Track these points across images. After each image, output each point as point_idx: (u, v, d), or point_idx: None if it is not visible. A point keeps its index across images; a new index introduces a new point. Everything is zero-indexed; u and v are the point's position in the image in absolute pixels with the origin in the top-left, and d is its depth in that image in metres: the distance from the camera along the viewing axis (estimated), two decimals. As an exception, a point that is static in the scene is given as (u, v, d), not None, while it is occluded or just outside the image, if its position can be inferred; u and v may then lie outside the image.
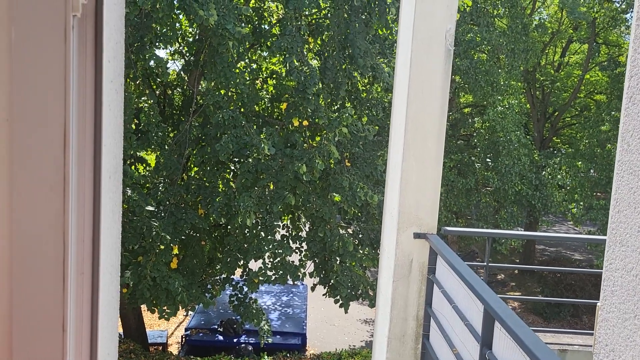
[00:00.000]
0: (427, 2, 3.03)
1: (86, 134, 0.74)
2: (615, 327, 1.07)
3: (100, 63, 0.74)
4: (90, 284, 0.77)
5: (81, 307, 0.76)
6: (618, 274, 1.07)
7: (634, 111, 1.03)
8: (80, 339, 0.75)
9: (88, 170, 0.74)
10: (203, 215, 10.06)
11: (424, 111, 3.16)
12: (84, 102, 0.73)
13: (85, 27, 0.71)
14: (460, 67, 15.27)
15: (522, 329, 1.86)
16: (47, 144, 0.69)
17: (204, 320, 13.19)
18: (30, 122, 0.68)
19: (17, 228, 0.69)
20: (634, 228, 1.04)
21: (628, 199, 1.05)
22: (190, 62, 10.78)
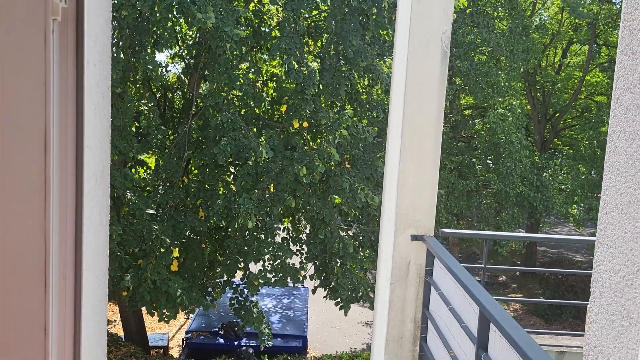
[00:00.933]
0: (424, 5, 3.04)
1: (68, 138, 0.74)
2: (603, 329, 1.07)
3: (82, 67, 0.74)
4: (72, 288, 0.77)
5: (64, 310, 0.76)
6: (606, 276, 1.07)
7: (621, 112, 1.03)
8: (63, 342, 0.75)
9: (70, 175, 0.74)
10: (203, 217, 10.06)
11: (421, 113, 3.16)
12: (65, 106, 0.73)
13: (67, 31, 0.72)
14: (461, 68, 15.26)
15: (516, 331, 1.86)
16: (28, 148, 0.69)
17: (204, 323, 13.18)
18: (10, 126, 0.68)
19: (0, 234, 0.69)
20: (621, 229, 1.04)
21: (615, 200, 1.05)
22: (190, 65, 10.80)
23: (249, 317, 10.41)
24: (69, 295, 0.76)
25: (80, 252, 0.76)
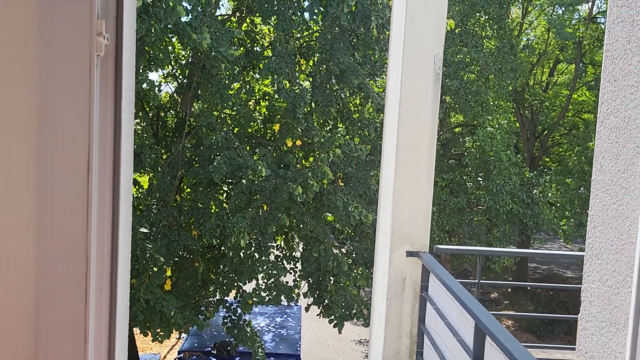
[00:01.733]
0: (417, 28, 3.15)
1: (105, 161, 0.82)
2: (593, 335, 1.14)
3: (119, 97, 0.82)
4: (108, 299, 0.83)
5: (100, 320, 0.82)
6: (595, 286, 1.15)
7: (605, 134, 1.12)
8: (99, 349, 0.82)
9: (107, 194, 0.82)
10: (196, 236, 10.08)
11: (415, 131, 3.26)
12: (104, 132, 0.80)
13: (107, 65, 0.79)
14: (451, 87, 15.51)
15: (512, 343, 1.93)
16: (72, 171, 0.76)
17: (197, 343, 13.09)
18: (57, 151, 0.76)
19: (43, 247, 0.76)
20: (608, 242, 1.12)
21: (602, 215, 1.13)
22: (183, 85, 10.90)
23: (243, 336, 10.38)
24: (104, 306, 0.83)
25: (115, 265, 0.83)
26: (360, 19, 9.43)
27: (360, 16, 9.43)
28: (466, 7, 16.01)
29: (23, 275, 0.75)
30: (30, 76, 0.73)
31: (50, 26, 0.72)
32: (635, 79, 1.05)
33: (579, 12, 20.07)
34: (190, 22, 8.36)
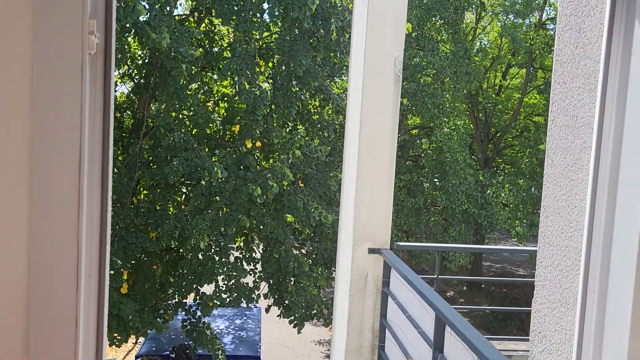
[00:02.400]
0: (377, 33, 3.25)
1: (94, 155, 0.85)
2: (546, 316, 1.24)
3: (108, 92, 0.85)
4: (96, 286, 0.87)
5: (89, 306, 0.86)
6: (547, 270, 1.25)
7: (556, 132, 1.22)
8: (87, 332, 0.85)
9: (96, 186, 0.85)
10: (154, 238, 9.94)
11: (376, 133, 3.35)
12: (94, 127, 0.84)
13: (96, 62, 0.83)
14: (408, 90, 15.79)
15: (470, 332, 2.03)
16: (64, 163, 0.80)
17: (155, 347, 12.87)
18: (49, 145, 0.79)
19: (35, 237, 0.79)
20: (558, 230, 1.22)
21: (553, 205, 1.23)
22: (140, 85, 10.73)
23: (202, 339, 10.30)
24: (93, 292, 0.87)
25: (104, 253, 0.87)
26: (320, 21, 9.53)
27: (320, 19, 9.53)
28: (422, 11, 16.35)
29: (16, 262, 0.78)
30: (24, 72, 0.76)
31: (44, 25, 0.75)
32: (582, 81, 1.15)
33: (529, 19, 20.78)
34: (149, 22, 8.26)
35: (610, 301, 1.04)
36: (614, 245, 1.04)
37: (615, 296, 1.02)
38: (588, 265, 1.07)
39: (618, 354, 0.99)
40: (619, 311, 1.01)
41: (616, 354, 1.00)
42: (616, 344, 1.00)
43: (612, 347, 1.01)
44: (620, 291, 1.01)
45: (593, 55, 1.13)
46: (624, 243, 1.01)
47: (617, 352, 0.99)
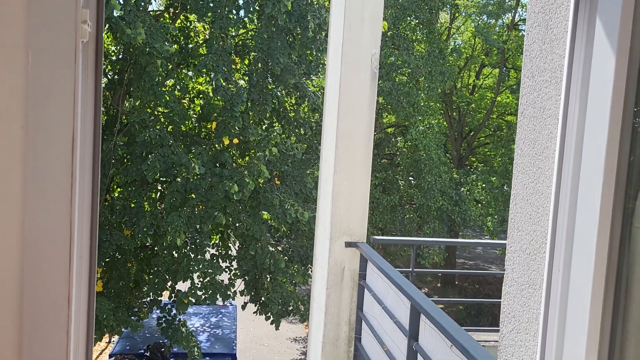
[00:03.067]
0: (354, 30, 3.30)
1: (86, 140, 0.88)
2: (515, 297, 1.31)
3: (99, 80, 0.89)
4: (88, 268, 0.90)
5: (80, 286, 0.89)
6: (516, 254, 1.32)
7: (525, 123, 1.29)
8: (79, 312, 0.88)
9: (88, 169, 0.88)
10: (129, 236, 9.85)
11: (353, 128, 3.41)
12: (85, 112, 0.87)
13: (88, 51, 0.86)
14: (383, 88, 15.92)
15: (444, 319, 2.10)
16: (57, 148, 0.83)
17: (129, 346, 12.75)
18: (43, 129, 0.82)
19: (29, 220, 0.82)
20: (526, 216, 1.29)
21: (522, 193, 1.30)
22: (114, 81, 10.61)
23: (177, 336, 10.25)
24: (84, 274, 0.90)
25: (94, 238, 0.90)
26: (297, 18, 9.55)
27: (296, 16, 9.55)
28: (398, 10, 16.50)
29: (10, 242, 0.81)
30: (19, 60, 0.79)
31: (39, 13, 0.78)
32: (549, 74, 1.22)
33: (502, 20, 21.12)
34: (124, 17, 8.18)
35: (573, 279, 1.11)
36: (576, 229, 1.11)
37: (577, 274, 1.09)
38: (553, 247, 1.14)
39: (580, 328, 1.06)
40: (581, 288, 1.08)
41: (578, 328, 1.07)
42: (578, 318, 1.07)
43: (574, 322, 1.08)
44: (582, 270, 1.08)
45: (559, 50, 1.20)
46: (585, 226, 1.08)
47: (579, 325, 1.06)
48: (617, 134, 1.02)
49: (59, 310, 0.84)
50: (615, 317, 1.04)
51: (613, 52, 0.98)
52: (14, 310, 0.82)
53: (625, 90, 1.01)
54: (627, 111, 1.02)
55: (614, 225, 1.04)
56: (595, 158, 1.04)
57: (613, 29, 0.98)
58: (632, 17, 0.99)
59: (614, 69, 0.99)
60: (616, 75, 0.99)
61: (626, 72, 1.00)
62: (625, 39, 1.00)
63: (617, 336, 1.03)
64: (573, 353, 1.07)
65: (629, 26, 0.99)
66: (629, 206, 1.03)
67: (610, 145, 1.02)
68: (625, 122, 1.02)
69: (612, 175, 1.02)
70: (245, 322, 16.39)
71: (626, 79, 1.00)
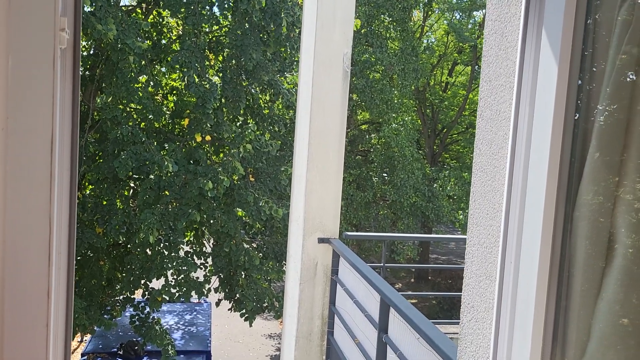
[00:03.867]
0: (326, 29, 3.36)
1: (64, 140, 0.93)
2: (473, 289, 1.39)
3: (77, 83, 0.93)
4: (66, 262, 0.94)
5: (59, 279, 0.93)
6: (475, 248, 1.40)
7: (483, 124, 1.36)
8: (57, 304, 0.93)
9: (66, 168, 0.93)
10: (101, 234, 9.76)
11: (326, 126, 3.47)
12: (63, 114, 0.91)
13: (66, 57, 0.90)
14: (357, 86, 16.03)
15: (412, 312, 2.18)
16: (37, 148, 0.87)
17: (102, 344, 12.61)
18: (23, 131, 0.86)
19: (10, 217, 0.86)
20: (484, 211, 1.36)
21: (480, 190, 1.38)
22: (86, 77, 10.47)
23: (151, 334, 10.20)
24: (63, 269, 0.94)
25: (73, 234, 0.94)
26: (271, 16, 9.56)
27: (270, 13, 9.56)
28: (372, 8, 16.61)
29: (-8, 240, 0.85)
30: (1, 65, 0.83)
31: (19, 21, 0.82)
32: (503, 79, 1.30)
33: (474, 18, 21.44)
34: (94, 12, 8.09)
35: (522, 270, 1.19)
36: (525, 222, 1.19)
37: (525, 265, 1.18)
38: (505, 241, 1.23)
39: (526, 313, 1.14)
40: (528, 277, 1.16)
41: (524, 313, 1.15)
42: (525, 305, 1.15)
43: (522, 308, 1.17)
44: (529, 261, 1.16)
45: (513, 57, 1.28)
46: (532, 220, 1.16)
47: (525, 311, 1.14)
48: (559, 136, 1.10)
49: (39, 303, 0.88)
50: (559, 304, 1.13)
51: (556, 62, 1.06)
52: (-5, 303, 0.86)
53: (567, 96, 1.09)
54: (568, 116, 1.10)
55: (557, 218, 1.12)
56: (540, 158, 1.13)
57: (556, 41, 1.06)
58: (573, 29, 1.07)
59: (557, 76, 1.07)
60: (559, 83, 1.07)
61: (567, 79, 1.08)
62: (566, 50, 1.08)
63: (560, 322, 1.12)
64: (522, 337, 1.15)
65: (570, 37, 1.08)
66: (570, 200, 1.12)
67: (553, 146, 1.10)
68: (566, 126, 1.10)
69: (555, 173, 1.11)
70: (220, 320, 16.37)
71: (567, 86, 1.08)
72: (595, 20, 1.05)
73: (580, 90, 1.08)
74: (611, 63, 1.00)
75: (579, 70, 1.07)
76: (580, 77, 1.08)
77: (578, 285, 1.06)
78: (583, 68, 1.08)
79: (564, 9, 1.04)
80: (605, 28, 1.03)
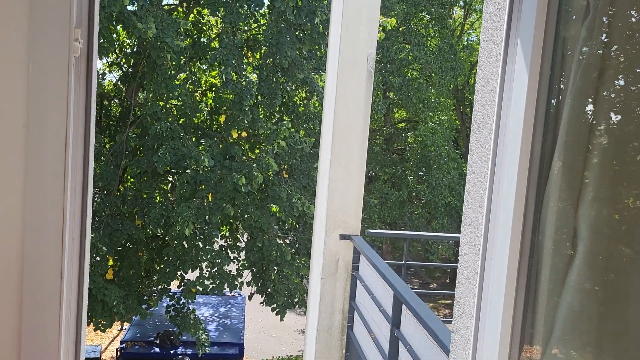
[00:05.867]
0: (351, 30, 3.43)
1: (78, 138, 1.04)
2: (465, 285, 1.44)
3: (90, 88, 1.04)
4: (78, 246, 1.06)
5: (71, 262, 1.05)
6: (467, 246, 1.45)
7: (477, 127, 1.42)
8: (70, 284, 1.04)
9: (79, 163, 1.04)
10: (140, 226, 10.08)
11: (349, 124, 3.55)
12: (77, 115, 1.03)
13: (80, 64, 1.02)
14: (394, 84, 16.00)
15: (421, 307, 2.24)
16: (53, 145, 0.98)
17: (139, 333, 13.04)
18: (41, 129, 0.98)
19: (28, 204, 0.98)
20: (475, 211, 1.42)
21: (472, 190, 1.43)
22: (128, 74, 10.81)
23: (186, 324, 10.48)
24: (75, 251, 1.05)
25: (85, 220, 1.05)
26: (306, 14, 9.67)
27: (306, 11, 9.67)
28: (410, 6, 16.53)
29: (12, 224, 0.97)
30: (22, 71, 0.95)
31: (38, 33, 0.94)
32: (494, 85, 1.35)
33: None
34: (136, 11, 8.36)
35: (498, 266, 1.24)
36: (497, 222, 1.24)
37: (498, 261, 1.23)
38: (486, 238, 1.28)
39: (497, 304, 1.20)
40: (501, 273, 1.21)
41: (496, 305, 1.21)
42: (497, 298, 1.21)
43: (493, 299, 1.22)
44: (502, 257, 1.22)
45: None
46: (503, 219, 1.22)
47: (497, 302, 1.20)
48: (528, 142, 1.16)
49: (53, 283, 1.00)
50: (527, 298, 1.18)
51: (527, 71, 1.12)
52: (15, 282, 0.98)
53: (536, 105, 1.14)
54: (538, 123, 1.15)
55: (526, 217, 1.18)
56: (512, 159, 1.18)
57: (528, 51, 1.12)
58: (542, 41, 1.12)
59: (527, 86, 1.12)
60: (529, 92, 1.12)
61: (537, 89, 1.13)
62: (536, 61, 1.13)
63: (528, 318, 1.17)
64: (493, 332, 1.21)
65: (540, 48, 1.13)
66: (539, 199, 1.17)
67: (523, 149, 1.16)
68: (535, 132, 1.15)
69: (524, 173, 1.16)
70: (254, 313, 16.63)
71: (537, 95, 1.13)
72: (563, 37, 1.10)
73: (548, 100, 1.13)
74: (573, 77, 1.05)
75: (549, 81, 1.12)
76: (549, 87, 1.13)
77: (545, 279, 1.12)
78: (552, 78, 1.13)
79: (534, 24, 1.09)
80: (570, 44, 1.08)
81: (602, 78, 1.03)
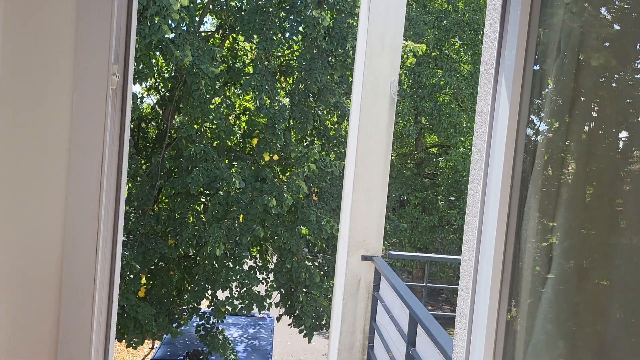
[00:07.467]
0: (375, 57, 3.58)
1: (112, 160, 1.19)
2: (464, 300, 1.53)
3: (124, 117, 1.19)
4: (110, 255, 1.20)
5: (104, 268, 1.19)
6: (466, 263, 1.54)
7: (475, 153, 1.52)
8: (102, 288, 1.18)
9: (113, 182, 1.19)
10: (173, 245, 10.33)
11: (371, 150, 3.67)
12: (113, 140, 1.18)
13: (116, 94, 1.17)
14: (425, 109, 16.07)
15: (434, 326, 2.31)
16: (91, 165, 1.13)
17: (169, 352, 13.22)
18: (81, 151, 1.13)
19: (69, 216, 1.13)
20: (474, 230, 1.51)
21: (472, 211, 1.53)
22: (165, 97, 11.21)
23: (215, 344, 10.61)
24: (107, 260, 1.20)
25: (117, 232, 1.20)
26: (338, 40, 9.91)
27: (337, 38, 9.91)
28: (441, 32, 16.67)
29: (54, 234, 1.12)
30: (67, 100, 1.11)
31: (81, 68, 1.10)
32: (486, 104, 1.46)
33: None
34: (174, 39, 8.74)
35: (484, 284, 1.33)
36: (488, 229, 1.34)
37: (486, 266, 1.33)
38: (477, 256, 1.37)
39: (482, 319, 1.29)
40: (486, 293, 1.31)
41: (481, 319, 1.29)
42: (482, 313, 1.30)
43: (479, 315, 1.31)
44: (488, 264, 1.31)
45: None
46: (491, 226, 1.32)
47: (482, 317, 1.29)
48: (511, 155, 1.26)
49: (86, 285, 1.14)
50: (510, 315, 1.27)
51: (508, 103, 1.22)
52: (56, 282, 1.13)
53: (517, 125, 1.24)
54: (519, 144, 1.25)
55: (509, 225, 1.27)
56: (496, 183, 1.28)
57: (509, 86, 1.22)
58: (522, 75, 1.22)
59: (508, 118, 1.23)
60: (509, 124, 1.23)
61: (517, 120, 1.23)
62: (516, 95, 1.24)
63: None
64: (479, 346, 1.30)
65: (519, 85, 1.23)
66: (521, 212, 1.27)
67: (506, 162, 1.26)
68: (517, 151, 1.25)
69: (507, 187, 1.26)
70: (282, 336, 16.66)
71: (518, 114, 1.24)
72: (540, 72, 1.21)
73: (529, 119, 1.24)
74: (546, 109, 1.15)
75: (527, 114, 1.23)
76: (527, 119, 1.23)
77: (527, 285, 1.20)
78: (530, 110, 1.23)
79: (514, 61, 1.21)
80: (544, 77, 1.18)
81: (571, 116, 1.13)
